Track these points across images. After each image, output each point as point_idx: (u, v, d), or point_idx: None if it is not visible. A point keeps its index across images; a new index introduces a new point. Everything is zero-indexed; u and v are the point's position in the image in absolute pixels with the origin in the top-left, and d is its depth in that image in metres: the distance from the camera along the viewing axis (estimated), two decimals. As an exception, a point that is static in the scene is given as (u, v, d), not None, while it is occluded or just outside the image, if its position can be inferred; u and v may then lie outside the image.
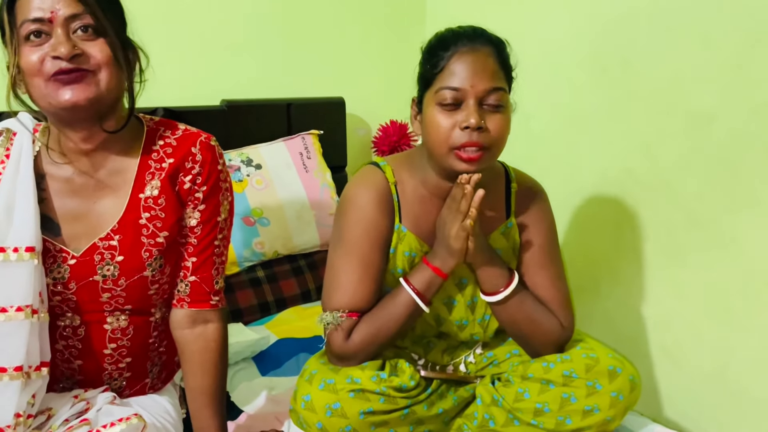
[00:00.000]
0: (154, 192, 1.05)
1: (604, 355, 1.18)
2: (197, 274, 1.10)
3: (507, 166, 1.30)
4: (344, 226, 1.19)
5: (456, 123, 1.09)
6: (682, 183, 1.48)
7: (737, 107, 1.35)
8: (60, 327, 1.05)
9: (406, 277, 1.17)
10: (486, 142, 1.09)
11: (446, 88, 1.09)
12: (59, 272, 1.01)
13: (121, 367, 1.10)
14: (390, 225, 1.20)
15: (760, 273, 1.35)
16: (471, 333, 1.28)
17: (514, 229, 1.26)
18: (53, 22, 0.91)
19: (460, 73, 1.09)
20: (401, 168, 1.23)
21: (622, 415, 1.18)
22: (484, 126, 1.08)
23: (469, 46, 1.11)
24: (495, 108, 1.10)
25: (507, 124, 1.12)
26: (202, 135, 1.09)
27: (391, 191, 1.20)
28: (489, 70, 1.09)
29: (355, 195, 1.20)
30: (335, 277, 1.19)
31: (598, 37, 1.66)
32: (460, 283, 1.25)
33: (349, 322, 1.16)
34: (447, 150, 1.10)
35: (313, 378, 1.13)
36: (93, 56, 0.93)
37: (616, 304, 1.69)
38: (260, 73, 2.05)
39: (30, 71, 0.92)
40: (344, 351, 1.16)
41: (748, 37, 1.31)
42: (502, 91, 1.10)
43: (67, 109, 0.93)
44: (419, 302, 1.15)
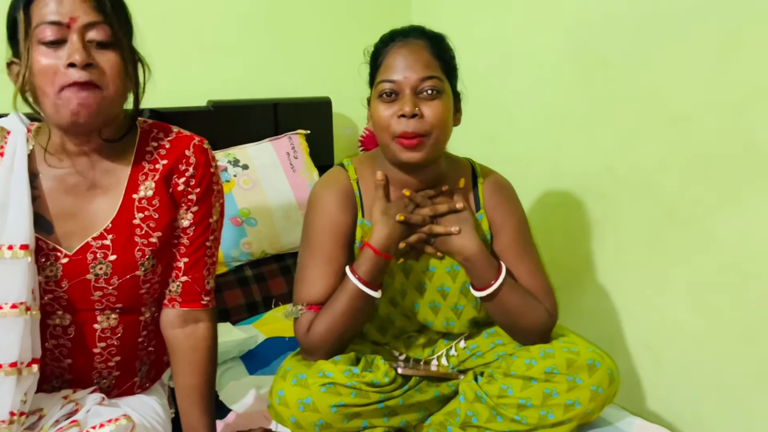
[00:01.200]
0: (149, 193, 1.06)
1: (584, 349, 1.21)
2: (189, 275, 1.12)
3: (473, 163, 1.35)
4: (308, 225, 1.26)
5: (394, 112, 1.16)
6: (662, 181, 1.51)
7: (715, 107, 1.37)
8: (50, 326, 1.05)
9: (351, 265, 1.21)
10: (423, 129, 1.15)
11: (384, 81, 1.17)
12: (52, 270, 1.02)
13: (111, 366, 1.11)
14: (352, 221, 1.26)
15: (737, 268, 1.38)
16: (445, 318, 1.30)
17: (484, 222, 1.31)
18: (71, 27, 0.91)
19: (394, 65, 1.17)
20: (363, 165, 1.30)
21: (602, 407, 1.22)
22: (419, 113, 1.15)
23: (403, 41, 1.19)
24: (431, 95, 1.16)
25: (444, 110, 1.17)
26: (195, 138, 1.12)
27: (353, 188, 1.27)
28: (422, 60, 1.16)
29: (317, 195, 1.28)
30: (300, 272, 1.25)
31: (579, 40, 1.68)
32: (427, 270, 1.29)
33: (309, 315, 1.20)
34: (389, 139, 1.17)
35: (287, 374, 1.16)
36: (104, 68, 0.94)
37: (598, 300, 1.72)
38: (246, 73, 2.05)
39: (41, 77, 0.92)
40: (306, 343, 1.20)
41: (725, 39, 1.34)
42: (436, 80, 1.16)
43: (71, 120, 0.94)
44: (365, 289, 1.18)
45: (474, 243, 1.21)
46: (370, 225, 1.23)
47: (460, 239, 1.22)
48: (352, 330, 1.21)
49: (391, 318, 1.31)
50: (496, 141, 1.97)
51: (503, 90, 1.93)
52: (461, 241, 1.21)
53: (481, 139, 1.98)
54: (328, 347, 1.19)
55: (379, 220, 1.20)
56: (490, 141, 1.98)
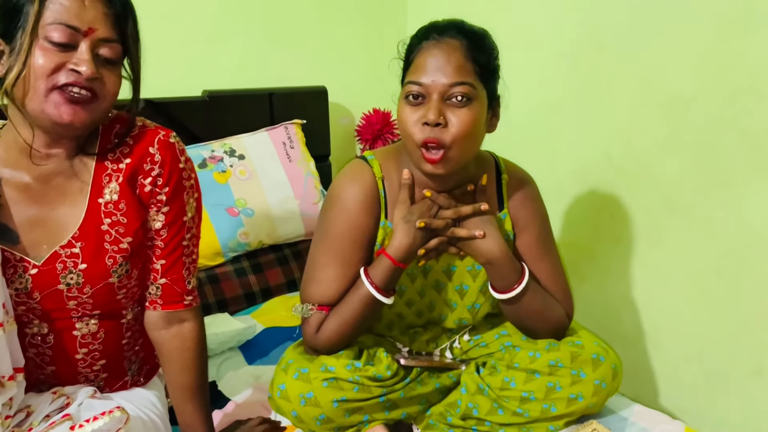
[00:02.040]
0: (114, 197, 1.00)
1: (589, 342, 1.20)
2: (167, 276, 1.07)
3: (497, 157, 1.29)
4: (328, 222, 1.20)
5: (419, 118, 1.08)
6: (660, 167, 1.50)
7: (713, 92, 1.36)
8: (28, 335, 1.01)
9: (366, 269, 1.17)
10: (446, 138, 1.07)
11: (411, 83, 1.09)
12: (21, 282, 0.97)
13: (96, 370, 1.08)
14: (374, 223, 1.20)
15: (735, 255, 1.37)
16: (459, 317, 1.29)
17: (507, 222, 1.26)
18: (87, 36, 0.89)
19: (424, 67, 1.08)
20: (389, 162, 1.22)
21: (604, 401, 1.21)
22: (443, 122, 1.07)
23: (437, 39, 1.09)
24: (459, 102, 1.07)
25: (472, 120, 1.08)
26: (160, 132, 1.04)
27: (377, 187, 1.20)
28: (453, 64, 1.07)
29: (341, 191, 1.20)
30: (313, 270, 1.20)
31: (575, 25, 1.67)
32: (448, 269, 1.25)
33: (319, 315, 1.18)
34: (415, 147, 1.10)
35: (288, 367, 1.15)
36: (106, 85, 0.92)
37: (596, 288, 1.71)
38: (242, 63, 2.04)
39: (38, 74, 0.88)
40: (314, 344, 1.18)
41: (724, 22, 1.32)
42: (467, 86, 1.07)
43: (59, 125, 0.91)
44: (377, 295, 1.15)
45: (498, 247, 1.16)
46: (392, 227, 1.19)
47: (485, 243, 1.16)
48: (359, 331, 1.20)
49: (403, 315, 1.29)
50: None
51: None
52: (486, 245, 1.16)
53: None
54: (336, 347, 1.18)
55: (399, 227, 1.14)
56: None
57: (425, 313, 1.29)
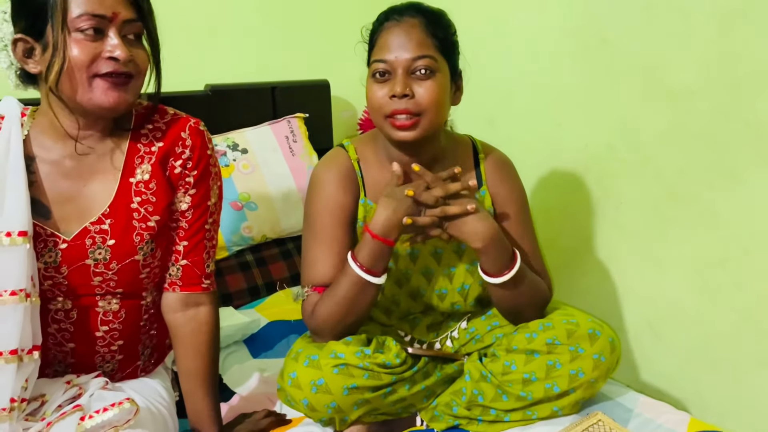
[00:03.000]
0: (145, 176, 1.06)
1: (583, 319, 1.22)
2: (188, 258, 1.12)
3: (474, 140, 1.34)
4: (309, 206, 1.26)
5: (386, 93, 1.15)
6: (664, 158, 1.50)
7: (717, 82, 1.36)
8: (52, 311, 1.05)
9: (353, 251, 1.18)
10: (415, 108, 1.14)
11: (377, 61, 1.17)
12: (51, 256, 1.01)
13: (113, 350, 1.11)
14: (353, 201, 1.26)
15: (738, 245, 1.37)
16: (452, 302, 1.31)
17: (487, 198, 1.31)
18: (113, 21, 0.94)
19: (387, 45, 1.16)
20: (364, 145, 1.29)
21: (605, 376, 1.22)
22: (410, 93, 1.14)
23: (397, 19, 1.17)
24: (424, 75, 1.14)
25: (437, 90, 1.15)
26: (191, 120, 1.11)
27: (354, 168, 1.26)
28: (415, 39, 1.15)
29: (317, 176, 1.27)
30: (305, 254, 1.26)
31: (578, 15, 1.66)
32: (435, 253, 1.28)
33: (314, 296, 1.21)
34: (382, 119, 1.17)
35: (299, 356, 1.16)
36: (138, 63, 0.99)
37: (599, 279, 1.71)
38: (244, 57, 2.04)
39: (78, 66, 0.93)
40: (310, 324, 1.21)
41: (728, 12, 1.32)
42: (428, 59, 1.14)
43: (106, 109, 0.97)
44: (367, 276, 1.15)
45: (491, 226, 1.16)
46: (373, 205, 1.23)
47: (476, 223, 1.15)
48: (355, 315, 1.19)
49: (397, 300, 1.30)
50: (495, 122, 1.96)
51: (501, 70, 1.91)
52: (477, 224, 1.15)
53: (480, 120, 1.97)
54: (332, 330, 1.19)
55: (381, 202, 1.17)
56: (489, 122, 1.96)
57: (417, 296, 1.30)
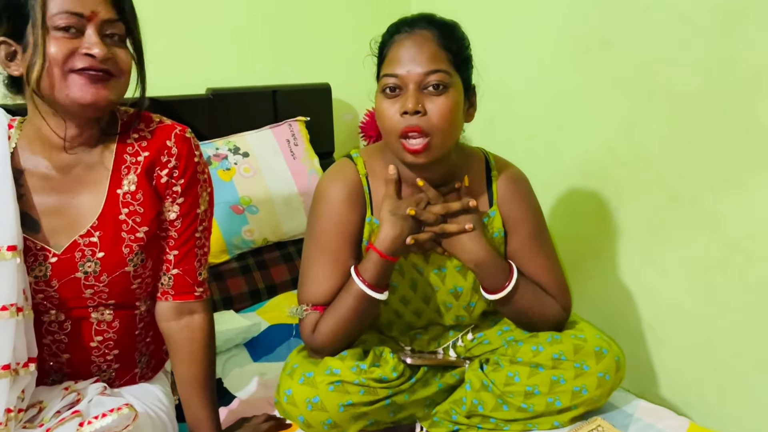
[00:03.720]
0: (132, 187, 1.05)
1: (591, 335, 1.21)
2: (180, 267, 1.11)
3: (487, 153, 1.29)
4: (314, 220, 1.21)
5: (397, 109, 1.09)
6: (665, 162, 1.49)
7: (718, 86, 1.35)
8: (45, 322, 1.05)
9: (356, 266, 1.17)
10: (427, 126, 1.08)
11: (387, 75, 1.11)
12: (41, 270, 1.01)
13: (109, 359, 1.11)
14: (360, 219, 1.21)
15: (740, 249, 1.37)
16: (456, 315, 1.29)
17: (497, 218, 1.25)
18: (91, 20, 0.93)
19: (398, 59, 1.10)
20: (373, 159, 1.23)
21: (609, 393, 1.21)
22: (422, 110, 1.08)
23: (408, 32, 1.11)
24: (436, 91, 1.08)
25: (450, 107, 1.09)
26: (176, 127, 1.09)
27: (362, 184, 1.21)
28: (426, 53, 1.09)
29: (324, 189, 1.21)
30: (305, 269, 1.22)
31: (578, 18, 1.65)
32: (439, 272, 1.25)
33: (314, 315, 1.18)
34: (395, 138, 1.11)
35: (294, 372, 1.15)
36: (119, 62, 0.97)
37: (600, 282, 1.71)
38: (245, 60, 2.04)
39: (54, 62, 0.92)
40: (312, 344, 1.18)
41: (729, 16, 1.31)
42: (441, 73, 1.08)
43: (84, 106, 0.95)
44: (370, 292, 1.14)
45: (483, 249, 1.16)
46: (378, 224, 1.19)
47: (469, 242, 1.16)
48: (357, 330, 1.19)
49: (400, 314, 1.29)
50: (495, 124, 1.95)
51: (502, 72, 1.91)
52: (470, 245, 1.16)
53: (480, 122, 1.94)
54: (334, 347, 1.18)
55: (386, 220, 1.14)
56: (490, 124, 1.96)
57: (423, 312, 1.28)
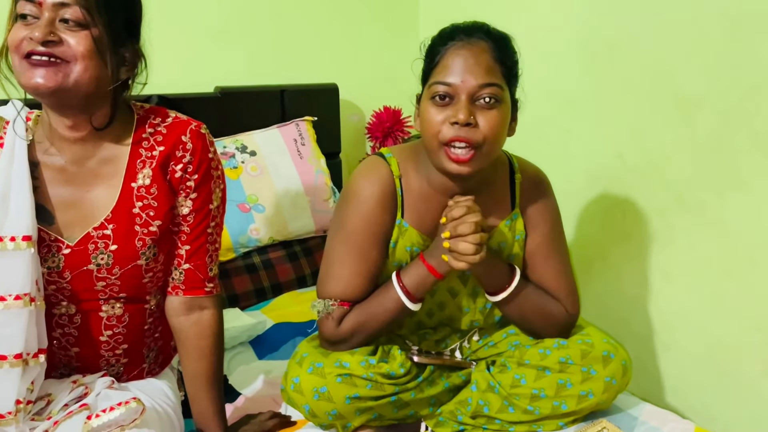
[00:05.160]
0: (146, 181, 1.05)
1: (599, 340, 1.21)
2: (191, 262, 1.11)
3: (511, 156, 1.28)
4: (345, 217, 1.19)
5: (447, 118, 1.07)
6: (672, 167, 1.49)
7: (725, 91, 1.36)
8: (56, 315, 1.05)
9: (399, 272, 1.17)
10: (475, 138, 1.06)
11: (438, 83, 1.08)
12: (54, 261, 1.01)
13: (118, 354, 1.11)
14: (391, 220, 1.19)
15: (746, 255, 1.37)
16: (471, 320, 1.29)
17: (519, 221, 1.26)
18: (42, 6, 0.91)
19: (452, 67, 1.07)
20: (407, 162, 1.21)
21: (614, 397, 1.22)
22: (473, 122, 1.06)
23: (465, 40, 1.09)
24: (488, 104, 1.07)
25: (500, 121, 1.08)
26: (192, 123, 1.09)
27: (395, 185, 1.19)
28: (483, 65, 1.07)
29: (359, 187, 1.19)
30: (331, 266, 1.20)
31: (586, 23, 1.66)
32: (462, 274, 1.25)
33: (340, 310, 1.17)
34: (437, 145, 1.09)
35: (303, 361, 1.15)
36: (71, 46, 0.92)
37: (607, 287, 1.71)
38: (254, 60, 2.05)
39: (11, 47, 0.93)
40: (335, 337, 1.18)
41: (736, 21, 1.32)
42: (495, 87, 1.07)
43: (31, 91, 0.94)
44: (406, 301, 1.15)
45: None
46: (408, 227, 1.19)
47: None
48: (382, 332, 1.20)
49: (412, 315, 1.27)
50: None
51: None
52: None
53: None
54: (355, 343, 1.18)
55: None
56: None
57: (436, 313, 1.28)
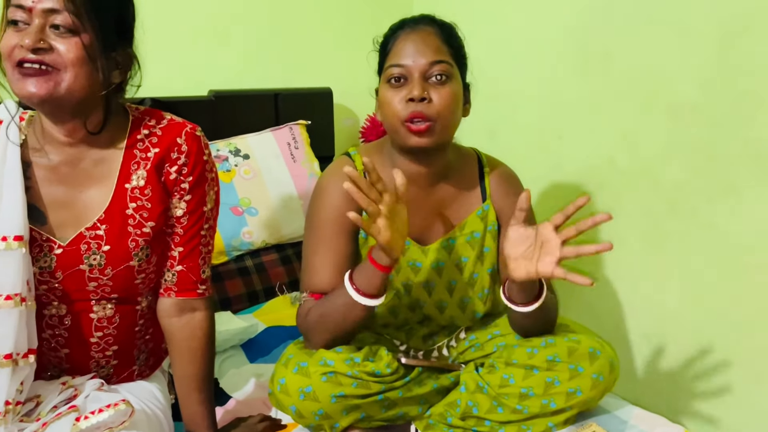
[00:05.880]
0: (140, 182, 1.05)
1: (585, 338, 1.22)
2: (184, 264, 1.11)
3: (479, 152, 1.35)
4: (314, 212, 1.25)
5: (402, 97, 1.15)
6: (663, 172, 1.50)
7: (717, 99, 1.37)
8: (46, 316, 1.05)
9: (351, 272, 1.15)
10: (431, 113, 1.14)
11: (392, 65, 1.17)
12: (46, 261, 1.01)
13: (108, 355, 1.11)
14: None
15: (737, 260, 1.37)
16: (451, 315, 1.30)
17: (491, 212, 1.30)
18: (32, 12, 0.91)
19: (404, 51, 1.17)
20: (370, 155, 1.28)
21: (602, 395, 1.22)
22: (428, 97, 1.14)
23: (412, 27, 1.19)
24: (439, 81, 1.15)
25: (453, 96, 1.16)
26: (187, 125, 1.09)
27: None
28: (431, 46, 1.16)
29: (323, 184, 1.26)
30: (306, 260, 1.26)
31: (580, 29, 1.67)
32: (437, 267, 1.27)
33: (310, 302, 1.21)
34: (399, 123, 1.16)
35: (288, 362, 1.16)
36: (61, 54, 0.92)
37: (598, 292, 1.71)
38: (248, 63, 2.05)
39: (2, 54, 0.93)
40: (301, 326, 1.22)
41: (728, 30, 1.33)
42: (445, 64, 1.15)
43: (24, 100, 0.94)
44: (356, 297, 1.12)
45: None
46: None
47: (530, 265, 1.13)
48: (343, 330, 1.17)
49: (395, 311, 1.30)
50: (496, 134, 1.97)
51: (504, 82, 1.92)
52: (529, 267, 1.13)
53: (482, 132, 1.97)
54: (319, 336, 1.18)
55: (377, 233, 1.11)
56: (491, 134, 1.97)
57: (417, 308, 1.30)
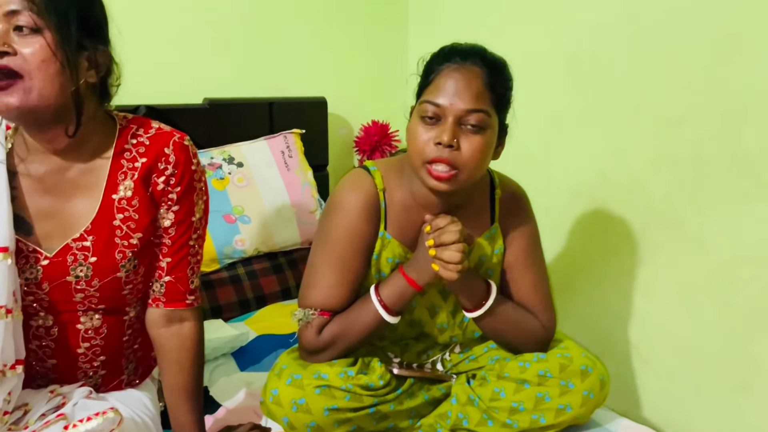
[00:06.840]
0: (128, 193, 1.03)
1: (577, 354, 1.22)
2: (172, 275, 1.09)
3: (492, 172, 1.31)
4: (328, 228, 1.20)
5: (431, 138, 1.09)
6: (653, 184, 1.52)
7: (706, 112, 1.38)
8: (33, 327, 1.03)
9: (377, 285, 1.17)
10: (456, 161, 1.08)
11: (428, 102, 1.10)
12: (32, 273, 1.00)
13: (96, 366, 1.10)
14: (374, 232, 1.20)
15: (724, 272, 1.39)
16: (450, 335, 1.31)
17: (498, 235, 1.28)
18: None
19: (443, 89, 1.09)
20: (391, 175, 1.23)
21: (592, 411, 1.22)
22: (456, 145, 1.07)
23: (459, 63, 1.10)
24: (473, 129, 1.08)
25: (483, 147, 1.09)
26: (175, 135, 1.07)
27: (378, 197, 1.20)
28: (473, 90, 1.08)
29: (343, 199, 1.20)
30: (313, 275, 1.21)
31: (572, 43, 1.69)
32: (443, 291, 1.27)
33: (320, 320, 1.18)
34: (420, 163, 1.11)
35: (282, 372, 1.16)
36: (26, 57, 0.88)
37: (587, 303, 1.72)
38: (243, 72, 2.06)
39: None
40: (313, 347, 1.18)
41: (718, 45, 1.35)
42: (482, 114, 1.08)
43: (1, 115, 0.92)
44: (383, 314, 1.15)
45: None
46: (391, 239, 1.21)
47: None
48: (362, 342, 1.20)
49: (394, 326, 1.28)
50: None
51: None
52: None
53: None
54: (334, 353, 1.19)
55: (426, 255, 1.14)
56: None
57: (416, 326, 1.29)
